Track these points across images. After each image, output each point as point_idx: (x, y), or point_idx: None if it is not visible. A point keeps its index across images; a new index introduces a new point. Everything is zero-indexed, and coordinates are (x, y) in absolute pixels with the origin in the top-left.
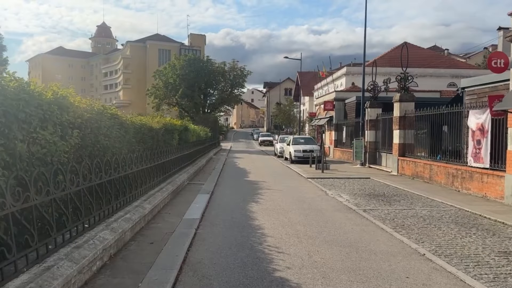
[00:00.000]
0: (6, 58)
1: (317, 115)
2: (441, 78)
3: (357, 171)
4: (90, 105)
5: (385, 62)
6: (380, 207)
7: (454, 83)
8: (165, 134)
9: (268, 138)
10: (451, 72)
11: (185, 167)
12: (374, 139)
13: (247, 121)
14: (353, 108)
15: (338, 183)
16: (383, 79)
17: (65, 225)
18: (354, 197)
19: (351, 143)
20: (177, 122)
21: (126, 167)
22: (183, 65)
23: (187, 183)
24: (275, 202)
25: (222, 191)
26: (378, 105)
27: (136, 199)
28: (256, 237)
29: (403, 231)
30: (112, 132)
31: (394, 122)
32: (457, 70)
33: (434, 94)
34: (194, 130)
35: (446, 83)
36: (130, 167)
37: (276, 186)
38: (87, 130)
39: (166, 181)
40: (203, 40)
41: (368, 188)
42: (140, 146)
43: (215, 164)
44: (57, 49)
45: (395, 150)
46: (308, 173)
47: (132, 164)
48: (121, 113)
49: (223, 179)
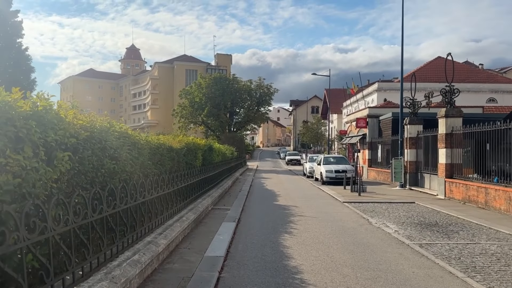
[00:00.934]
0: (34, 79)
1: (348, 133)
2: (480, 93)
3: (398, 194)
4: (91, 121)
5: (419, 77)
6: (438, 241)
7: (494, 99)
8: (187, 154)
9: (295, 157)
10: (490, 87)
11: (209, 190)
12: (415, 158)
13: (273, 139)
14: (389, 125)
15: (379, 209)
16: (418, 94)
17: (43, 279)
18: (403, 227)
19: (387, 163)
20: (200, 141)
21: (137, 195)
22: (209, 83)
23: (211, 208)
24: (312, 233)
25: (249, 218)
26: (418, 122)
27: (150, 232)
28: (295, 286)
29: (478, 277)
30: (122, 153)
31: (440, 140)
32: (497, 85)
33: (476, 110)
34: (219, 149)
35: (485, 99)
36: (142, 195)
37: (309, 211)
38: (87, 152)
39: (187, 207)
40: (229, 60)
41: (416, 215)
42: (157, 169)
43: (241, 186)
44: (88, 71)
45: (441, 171)
46: (344, 196)
47: (145, 191)
48: (135, 131)
49: (251, 203)
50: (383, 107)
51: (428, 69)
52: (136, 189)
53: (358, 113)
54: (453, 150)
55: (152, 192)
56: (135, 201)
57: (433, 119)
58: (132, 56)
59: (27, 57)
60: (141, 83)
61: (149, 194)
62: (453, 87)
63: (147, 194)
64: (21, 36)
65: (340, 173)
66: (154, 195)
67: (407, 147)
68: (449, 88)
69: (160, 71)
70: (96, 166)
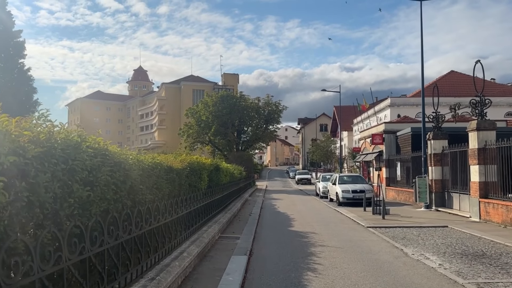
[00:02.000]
0: (37, 100)
1: (362, 150)
2: (498, 107)
3: (425, 217)
4: (48, 133)
5: (433, 92)
6: (497, 279)
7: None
8: (191, 175)
9: (306, 176)
10: (508, 100)
11: (216, 214)
12: (441, 176)
13: (281, 158)
14: (408, 140)
15: (411, 235)
16: (432, 110)
17: None
18: (447, 258)
19: (407, 182)
20: (206, 161)
21: (119, 231)
22: (215, 102)
23: (219, 237)
24: (341, 271)
25: (263, 249)
26: (443, 136)
27: (140, 278)
28: None
29: None
30: (99, 177)
31: (471, 155)
32: None
33: (499, 124)
34: (227, 169)
35: (503, 113)
36: (127, 231)
37: (332, 240)
38: (43, 176)
39: (190, 238)
40: (236, 79)
41: (455, 243)
42: (152, 194)
43: (251, 208)
44: (95, 93)
45: (474, 190)
46: (366, 220)
47: (132, 224)
48: (121, 149)
49: (263, 229)
50: (400, 122)
51: (441, 84)
52: (118, 223)
53: (373, 129)
54: (486, 167)
55: (142, 225)
56: (116, 240)
57: (458, 133)
58: (140, 78)
59: (29, 78)
60: (148, 104)
61: (137, 228)
62: (484, 97)
63: (135, 229)
64: (23, 56)
65: (358, 193)
66: (145, 228)
67: (432, 164)
68: (480, 99)
69: (167, 92)
70: (60, 194)
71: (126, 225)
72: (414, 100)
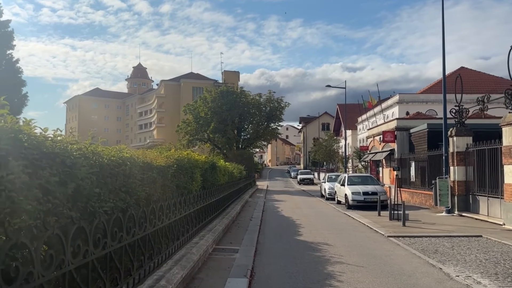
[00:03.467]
0: (25, 94)
1: (370, 149)
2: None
3: (451, 223)
4: None
5: (439, 89)
6: None
7: None
8: (179, 175)
9: (308, 176)
10: None
11: (211, 221)
12: (464, 177)
13: (282, 158)
14: (424, 138)
15: (443, 248)
16: (448, 105)
17: None
18: (502, 283)
19: (423, 183)
20: (199, 157)
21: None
22: (215, 97)
23: (213, 249)
24: None
25: (267, 268)
26: (467, 133)
27: None
28: None
29: None
30: (7, 178)
31: (505, 153)
32: None
33: None
34: (225, 168)
35: None
36: (55, 264)
37: (351, 255)
38: None
39: (174, 257)
40: (237, 77)
41: (503, 259)
42: (117, 201)
43: (252, 211)
44: (94, 91)
45: (509, 194)
46: (385, 227)
47: (64, 254)
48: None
49: (266, 238)
50: (413, 119)
51: (451, 81)
52: (33, 259)
53: (383, 125)
54: None
55: (88, 250)
56: (39, 279)
57: (484, 130)
58: (139, 75)
59: (18, 70)
60: (147, 102)
61: (73, 257)
62: None
63: (71, 258)
64: (11, 47)
65: (370, 196)
66: (92, 255)
67: (454, 163)
68: None
69: (166, 89)
70: None
71: (54, 255)
72: (423, 96)
